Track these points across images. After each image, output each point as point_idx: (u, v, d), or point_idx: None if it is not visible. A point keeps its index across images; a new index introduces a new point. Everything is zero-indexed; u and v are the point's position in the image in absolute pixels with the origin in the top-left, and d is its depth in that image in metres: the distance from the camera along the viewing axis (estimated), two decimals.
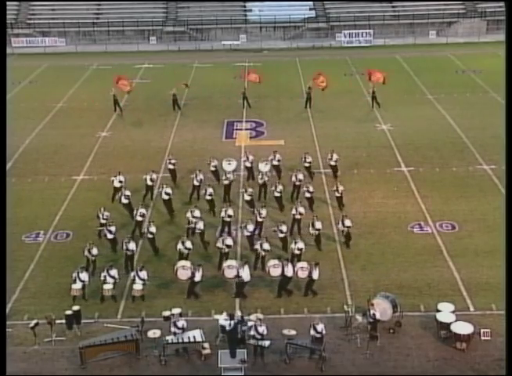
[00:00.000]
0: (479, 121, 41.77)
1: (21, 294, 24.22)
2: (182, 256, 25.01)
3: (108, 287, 23.28)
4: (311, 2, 74.79)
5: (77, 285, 23.30)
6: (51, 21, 72.69)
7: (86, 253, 25.08)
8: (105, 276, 23.43)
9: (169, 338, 20.39)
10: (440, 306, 21.72)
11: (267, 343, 20.16)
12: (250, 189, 29.89)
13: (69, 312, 21.50)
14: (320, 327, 20.23)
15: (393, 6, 74.45)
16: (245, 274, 23.37)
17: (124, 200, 29.26)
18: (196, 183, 30.84)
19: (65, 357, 20.60)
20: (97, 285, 23.69)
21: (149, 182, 31.13)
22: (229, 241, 25.43)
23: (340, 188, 29.74)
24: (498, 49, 55.47)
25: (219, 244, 25.44)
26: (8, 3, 62.25)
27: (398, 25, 73.07)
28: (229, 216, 27.58)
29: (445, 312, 21.36)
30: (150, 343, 20.68)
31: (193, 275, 23.34)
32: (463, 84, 51.72)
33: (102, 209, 27.72)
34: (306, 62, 60.90)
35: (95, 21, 73.54)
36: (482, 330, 20.84)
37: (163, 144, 39.07)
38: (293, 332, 20.68)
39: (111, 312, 22.86)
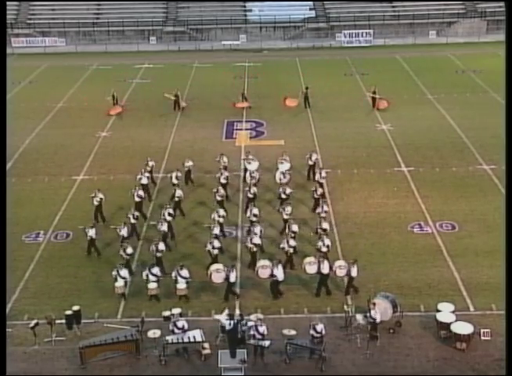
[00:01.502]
0: (479, 121, 41.77)
1: (21, 294, 24.22)
2: (211, 256, 24.98)
3: (152, 285, 23.25)
4: (311, 2, 74.79)
5: (120, 283, 23.40)
6: (51, 21, 72.70)
7: (121, 252, 25.05)
8: (147, 275, 23.41)
9: (169, 337, 20.39)
10: (440, 306, 21.72)
11: (267, 343, 20.16)
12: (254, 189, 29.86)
13: (69, 312, 21.50)
14: (320, 327, 20.23)
15: (393, 6, 74.44)
16: (279, 273, 23.29)
17: (137, 199, 29.35)
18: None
19: (65, 357, 20.60)
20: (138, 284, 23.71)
21: (175, 181, 31.11)
22: (257, 240, 25.36)
23: (320, 190, 29.62)
24: (498, 49, 55.52)
25: (248, 244, 25.44)
26: (8, 3, 62.39)
27: (398, 25, 73.06)
28: (255, 215, 27.56)
29: (445, 312, 21.36)
30: (150, 343, 20.68)
31: (228, 276, 23.28)
32: (463, 84, 51.71)
33: (132, 209, 27.90)
34: (306, 62, 60.92)
35: (95, 21, 73.54)
36: (482, 330, 20.83)
37: (163, 144, 39.08)
38: (293, 332, 20.68)
39: (111, 312, 22.86)
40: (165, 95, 45.76)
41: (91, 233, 26.49)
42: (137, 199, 29.30)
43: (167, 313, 21.44)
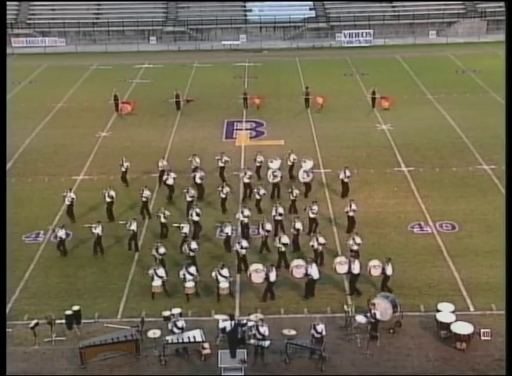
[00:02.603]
0: (479, 121, 41.77)
1: (21, 294, 24.22)
2: (239, 255, 25.00)
3: (190, 284, 23.25)
4: (311, 2, 74.80)
5: (157, 282, 23.41)
6: (51, 21, 72.73)
7: (153, 252, 25.05)
8: (184, 274, 23.40)
9: (169, 338, 20.39)
10: (440, 306, 21.72)
11: (267, 343, 20.15)
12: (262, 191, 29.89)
13: (69, 312, 21.51)
14: (320, 327, 20.22)
15: (393, 6, 74.46)
16: (314, 272, 23.29)
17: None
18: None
19: (65, 357, 20.60)
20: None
21: (199, 181, 31.11)
22: (285, 239, 25.34)
23: (296, 191, 29.58)
24: (498, 49, 55.49)
25: (276, 243, 25.45)
26: (8, 3, 62.32)
27: (398, 25, 73.10)
28: (280, 215, 27.53)
29: (445, 312, 21.36)
30: (150, 343, 20.68)
31: (268, 276, 23.25)
32: (463, 84, 51.72)
33: (163, 209, 27.90)
34: (306, 62, 60.92)
35: (95, 21, 73.56)
36: (482, 330, 20.83)
37: (163, 144, 39.08)
38: (293, 332, 20.68)
39: (111, 312, 22.87)
40: (170, 101, 45.60)
41: (61, 233, 26.57)
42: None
43: (167, 313, 21.45)
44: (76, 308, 21.72)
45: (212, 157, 33.99)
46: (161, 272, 23.52)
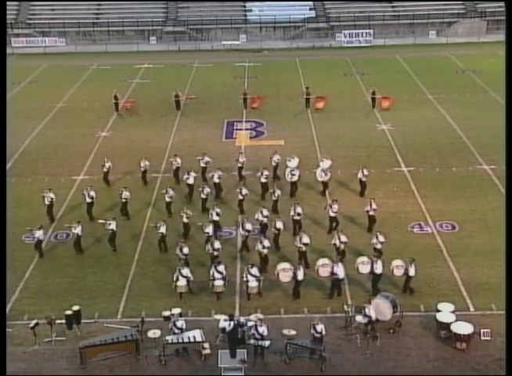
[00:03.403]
0: (479, 121, 41.77)
1: (21, 294, 24.23)
2: (261, 256, 25.04)
3: (219, 283, 23.29)
4: (311, 2, 74.79)
5: (182, 282, 23.42)
6: (51, 21, 72.72)
7: (177, 252, 25.08)
8: (213, 273, 23.43)
9: (169, 337, 20.39)
10: (440, 306, 21.73)
11: (267, 343, 20.16)
12: (278, 191, 29.84)
13: (69, 312, 21.51)
14: (320, 327, 20.23)
15: (393, 6, 74.45)
16: (340, 271, 23.31)
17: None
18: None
19: (65, 357, 20.60)
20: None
21: (216, 180, 31.18)
22: (306, 239, 25.31)
23: (277, 192, 29.58)
24: (498, 49, 55.46)
25: (297, 243, 25.46)
26: (8, 3, 62.18)
27: (398, 25, 73.08)
28: (299, 214, 27.60)
29: (445, 312, 21.36)
30: (150, 343, 20.68)
31: (295, 275, 23.25)
32: (463, 84, 51.72)
33: (185, 208, 28.00)
34: (306, 62, 60.92)
35: (95, 21, 73.54)
36: (482, 330, 20.84)
37: (163, 144, 39.08)
38: (293, 332, 20.68)
39: (111, 312, 22.88)
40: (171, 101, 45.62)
41: (39, 234, 26.58)
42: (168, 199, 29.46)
43: (167, 313, 21.45)
44: (76, 308, 21.72)
45: (212, 158, 33.96)
46: (186, 272, 23.51)
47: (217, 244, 25.14)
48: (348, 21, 72.36)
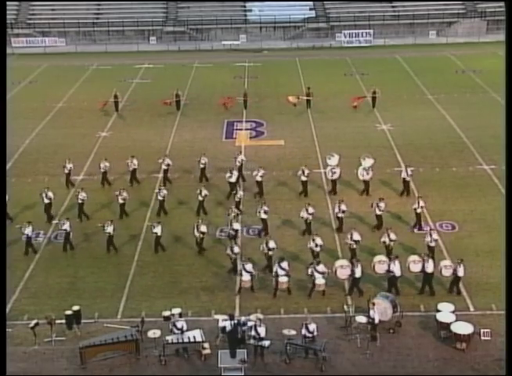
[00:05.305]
0: (479, 121, 41.77)
1: (21, 294, 24.23)
2: (313, 253, 25.16)
3: (284, 279, 23.34)
4: (311, 2, 74.81)
5: (246, 277, 23.57)
6: (51, 21, 72.74)
7: (228, 251, 25.11)
8: (276, 270, 23.46)
9: (169, 338, 20.39)
10: (440, 306, 21.73)
11: (267, 343, 20.16)
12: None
13: (69, 312, 21.51)
14: (312, 326, 20.21)
15: (393, 6, 74.47)
16: (396, 269, 23.27)
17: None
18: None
19: (65, 357, 20.61)
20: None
21: (259, 179, 31.12)
22: (357, 236, 25.40)
23: (240, 193, 29.63)
24: (498, 49, 55.49)
25: (347, 240, 25.66)
26: (8, 3, 62.40)
27: (398, 25, 73.12)
28: (343, 212, 27.87)
29: (445, 312, 21.36)
30: (150, 343, 20.68)
31: (353, 272, 23.29)
32: (463, 84, 51.73)
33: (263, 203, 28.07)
34: (306, 62, 60.93)
35: (95, 21, 73.57)
36: (482, 330, 20.84)
37: (163, 144, 39.07)
38: (293, 332, 20.68)
39: (111, 312, 22.88)
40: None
41: (28, 231, 26.62)
42: (237, 199, 29.41)
43: (167, 313, 21.44)
44: (76, 308, 21.72)
45: (212, 158, 33.97)
46: (249, 267, 23.65)
47: (271, 244, 24.97)
48: (348, 21, 72.40)
